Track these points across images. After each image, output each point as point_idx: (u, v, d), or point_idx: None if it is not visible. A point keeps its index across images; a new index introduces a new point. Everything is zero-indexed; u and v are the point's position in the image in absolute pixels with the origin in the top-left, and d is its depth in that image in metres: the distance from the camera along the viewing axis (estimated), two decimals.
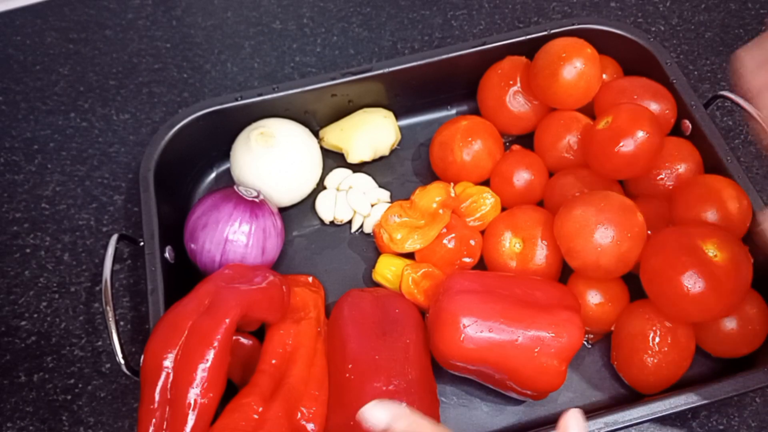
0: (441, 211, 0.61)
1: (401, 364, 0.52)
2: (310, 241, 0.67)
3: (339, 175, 0.69)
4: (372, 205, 0.67)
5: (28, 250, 0.68)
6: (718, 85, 0.74)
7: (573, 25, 0.67)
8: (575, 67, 0.61)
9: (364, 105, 0.70)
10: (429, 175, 0.69)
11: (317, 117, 0.70)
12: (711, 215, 0.56)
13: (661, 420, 0.57)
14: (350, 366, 0.52)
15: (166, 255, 0.60)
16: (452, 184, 0.62)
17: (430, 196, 0.61)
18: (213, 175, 0.71)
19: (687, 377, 0.57)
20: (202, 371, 0.48)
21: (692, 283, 0.50)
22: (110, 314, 0.53)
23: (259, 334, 0.56)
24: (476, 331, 0.51)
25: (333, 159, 0.71)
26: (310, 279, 0.63)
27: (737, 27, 0.78)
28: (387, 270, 0.62)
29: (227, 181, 0.70)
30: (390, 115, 0.70)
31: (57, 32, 0.83)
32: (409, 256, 0.63)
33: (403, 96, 0.70)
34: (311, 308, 0.58)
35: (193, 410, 0.47)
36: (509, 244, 0.60)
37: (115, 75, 0.79)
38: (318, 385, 0.53)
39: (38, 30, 0.83)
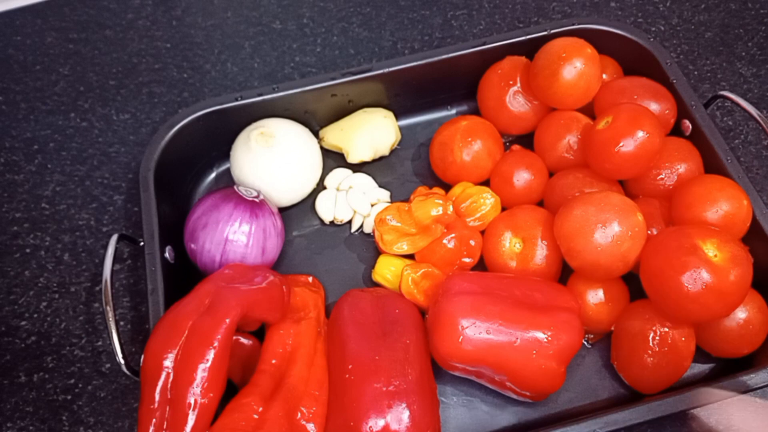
0: (434, 226, 0.61)
1: (401, 364, 0.52)
2: (310, 241, 0.67)
3: (339, 175, 0.69)
4: (372, 205, 0.67)
5: (28, 250, 0.68)
6: (718, 85, 0.74)
7: (573, 25, 0.67)
8: (575, 67, 0.61)
9: (364, 105, 0.70)
10: (429, 175, 0.69)
11: (317, 117, 0.70)
12: (711, 215, 0.56)
13: (661, 420, 0.57)
14: (350, 366, 0.52)
15: (166, 255, 0.60)
16: (450, 202, 0.61)
17: (427, 209, 0.60)
18: (213, 175, 0.71)
19: (687, 377, 0.57)
20: (202, 371, 0.48)
21: (692, 283, 0.50)
22: (110, 314, 0.53)
23: (259, 334, 0.56)
24: (474, 332, 0.51)
25: (333, 159, 0.71)
26: (310, 279, 0.63)
27: (737, 27, 0.78)
28: (387, 270, 0.62)
29: (227, 181, 0.70)
30: (390, 115, 0.70)
31: (57, 32, 0.83)
32: (410, 255, 0.63)
33: (403, 96, 0.70)
34: (311, 308, 0.58)
35: (193, 410, 0.47)
36: (509, 244, 0.60)
37: (115, 75, 0.79)
38: (318, 385, 0.53)
39: (38, 30, 0.83)
